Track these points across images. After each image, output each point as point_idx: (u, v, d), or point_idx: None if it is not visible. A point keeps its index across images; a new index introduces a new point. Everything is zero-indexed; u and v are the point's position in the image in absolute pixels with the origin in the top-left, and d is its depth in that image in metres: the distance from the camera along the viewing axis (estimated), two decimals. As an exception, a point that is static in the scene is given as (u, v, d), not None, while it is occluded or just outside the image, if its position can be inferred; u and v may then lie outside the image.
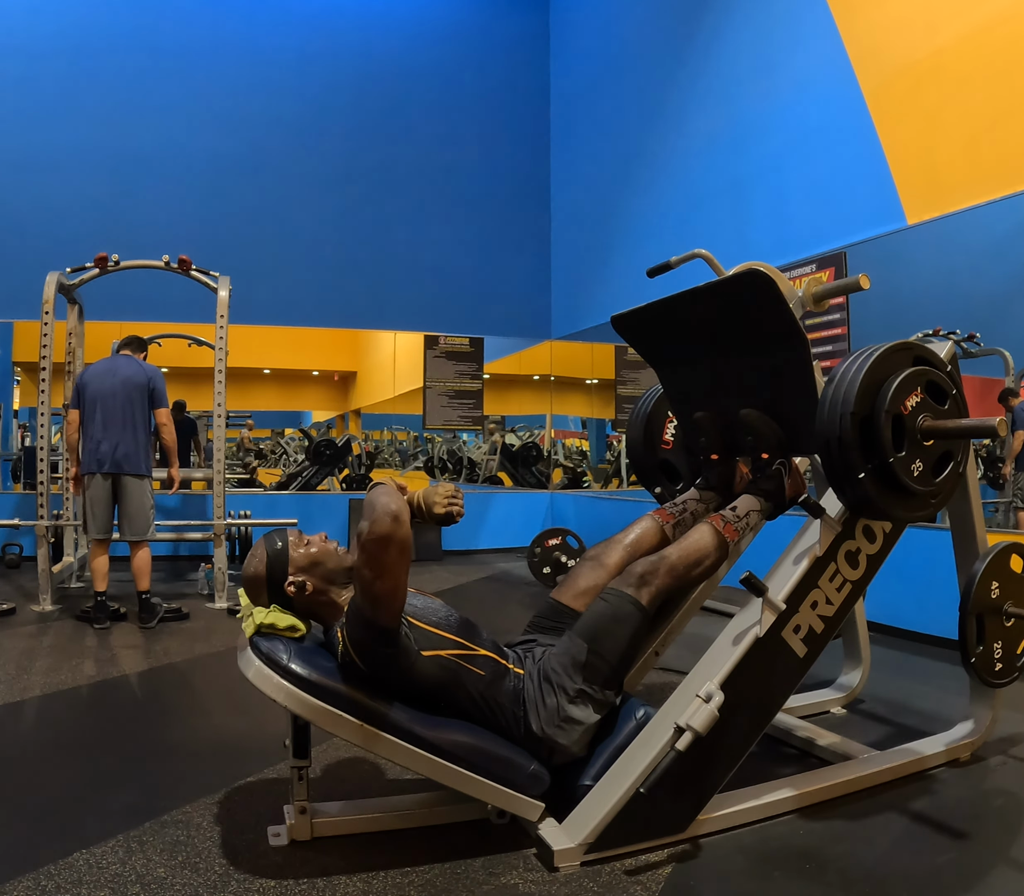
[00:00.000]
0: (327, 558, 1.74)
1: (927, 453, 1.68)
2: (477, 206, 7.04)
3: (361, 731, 1.53)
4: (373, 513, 1.46)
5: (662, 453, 2.37)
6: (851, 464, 1.62)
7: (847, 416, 1.60)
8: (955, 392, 1.73)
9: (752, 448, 1.99)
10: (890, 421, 1.61)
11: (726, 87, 5.00)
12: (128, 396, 3.89)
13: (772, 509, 1.98)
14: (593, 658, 1.69)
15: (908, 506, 1.70)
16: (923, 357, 1.73)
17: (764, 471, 1.98)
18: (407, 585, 1.57)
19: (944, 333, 3.69)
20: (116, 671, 3.00)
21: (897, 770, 1.98)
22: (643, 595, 1.77)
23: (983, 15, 3.39)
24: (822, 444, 1.66)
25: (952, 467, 1.73)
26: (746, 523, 1.93)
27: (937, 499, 1.74)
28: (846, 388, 1.62)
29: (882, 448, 1.61)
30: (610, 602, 1.77)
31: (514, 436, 8.40)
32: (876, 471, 1.63)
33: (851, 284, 1.85)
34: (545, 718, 1.67)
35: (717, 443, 2.08)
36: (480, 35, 7.13)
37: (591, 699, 1.68)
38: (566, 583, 2.00)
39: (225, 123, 6.40)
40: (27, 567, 5.04)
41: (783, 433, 1.94)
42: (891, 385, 1.62)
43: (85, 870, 1.54)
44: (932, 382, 1.69)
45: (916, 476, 1.65)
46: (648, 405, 2.38)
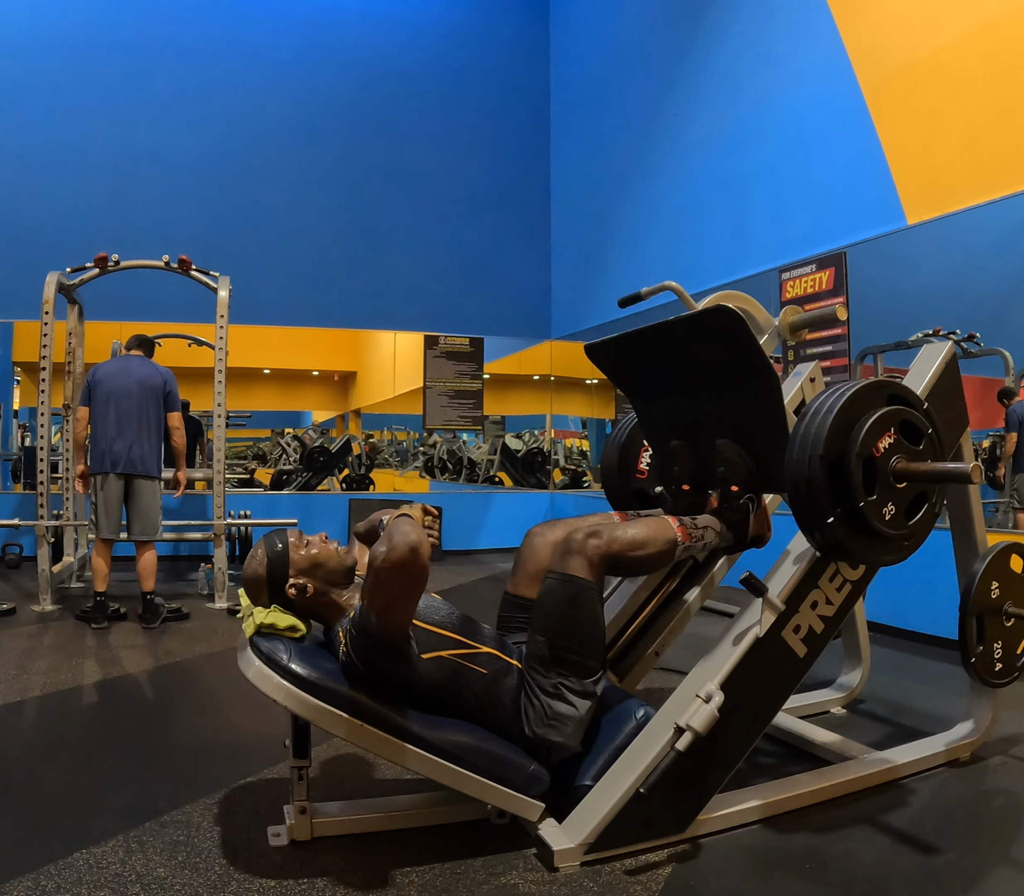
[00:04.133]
0: (328, 559, 1.74)
1: (900, 496, 1.61)
2: (477, 206, 7.04)
3: (361, 731, 1.53)
4: (391, 540, 1.45)
5: (636, 482, 2.31)
6: (820, 507, 1.56)
7: (816, 458, 1.54)
8: (931, 431, 1.67)
9: (722, 480, 1.92)
10: (860, 464, 1.55)
11: (726, 87, 5.00)
12: (143, 397, 3.90)
13: (732, 541, 1.92)
14: (557, 652, 1.65)
15: (880, 550, 1.64)
16: (898, 395, 1.67)
17: (731, 503, 1.92)
18: (416, 609, 1.57)
19: (944, 333, 3.69)
20: (116, 671, 3.00)
21: (897, 770, 1.98)
22: (585, 569, 1.68)
23: (983, 15, 3.39)
24: (790, 485, 1.60)
25: (927, 509, 1.66)
26: (702, 534, 1.85)
27: (911, 541, 1.68)
28: (816, 428, 1.56)
29: (852, 492, 1.55)
30: (555, 588, 1.69)
31: (519, 441, 8.35)
32: (846, 515, 1.57)
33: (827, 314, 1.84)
34: (535, 719, 1.66)
35: (689, 473, 2.02)
36: (480, 35, 7.12)
37: (572, 691, 1.65)
38: (515, 572, 1.95)
39: (225, 123, 6.40)
40: (27, 567, 5.04)
41: (755, 467, 1.88)
42: (863, 426, 1.55)
43: (85, 870, 1.53)
44: (906, 422, 1.63)
45: (888, 520, 1.59)
46: (624, 434, 2.33)
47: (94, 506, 3.91)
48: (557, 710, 1.65)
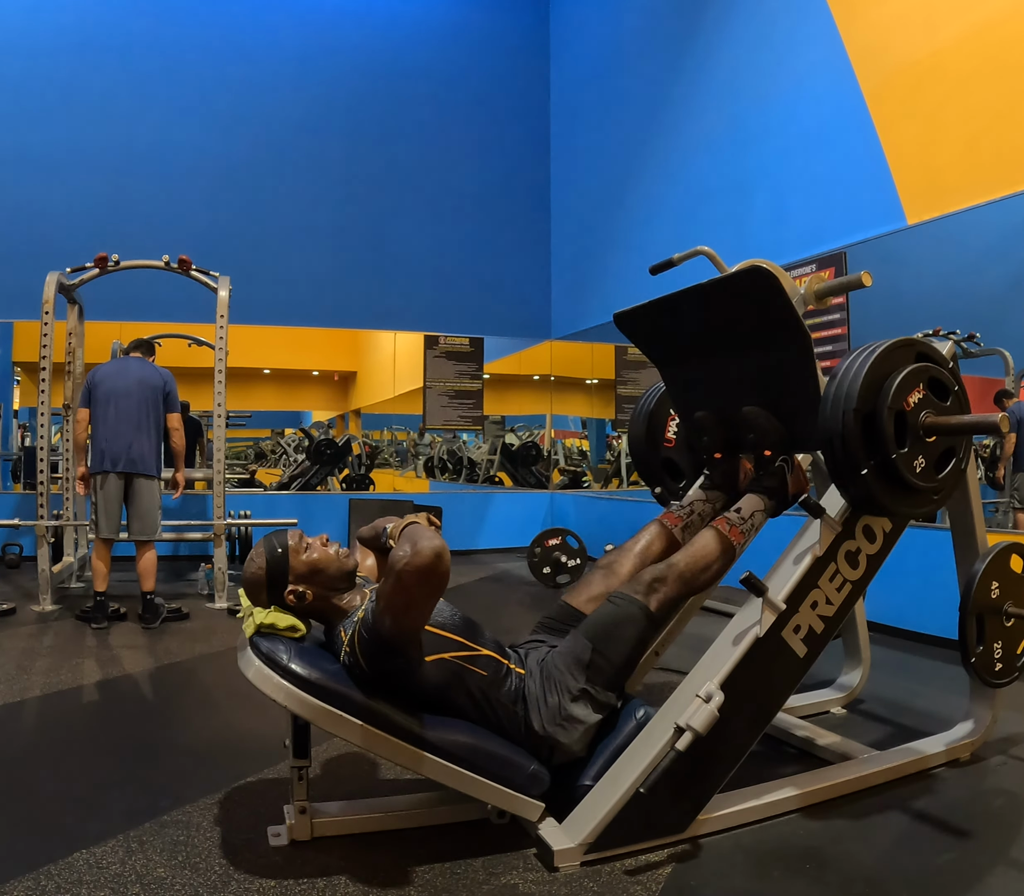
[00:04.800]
0: (328, 565, 1.72)
1: (929, 450, 1.68)
2: (477, 206, 7.04)
3: (361, 731, 1.53)
4: (416, 545, 1.44)
5: (665, 451, 2.36)
6: (854, 460, 1.62)
7: (850, 412, 1.60)
8: (957, 389, 1.73)
9: (754, 445, 1.99)
10: (892, 417, 1.61)
11: (726, 87, 5.00)
12: (143, 397, 3.90)
13: (775, 507, 1.98)
14: (597, 658, 1.70)
15: (911, 502, 1.71)
16: (925, 354, 1.73)
17: (767, 468, 1.98)
18: (431, 614, 1.58)
19: (944, 333, 3.69)
20: (116, 671, 3.00)
21: (897, 770, 1.98)
22: (651, 601, 1.77)
23: (983, 15, 3.39)
24: (825, 441, 1.66)
25: (954, 464, 1.73)
26: (751, 524, 1.93)
27: (939, 495, 1.74)
28: (848, 385, 1.62)
29: (885, 444, 1.61)
30: (617, 605, 1.78)
31: (514, 436, 8.40)
32: (879, 467, 1.63)
33: (853, 281, 1.85)
34: (547, 716, 1.67)
35: (719, 441, 2.08)
36: (480, 34, 7.12)
37: (592, 699, 1.68)
38: (578, 588, 2.01)
39: (225, 123, 6.40)
40: (27, 567, 5.04)
41: (785, 430, 1.94)
42: (893, 381, 1.62)
43: (85, 870, 1.53)
44: (934, 379, 1.70)
45: (919, 472, 1.66)
46: (650, 403, 2.37)
47: (94, 506, 3.91)
48: (572, 712, 1.66)
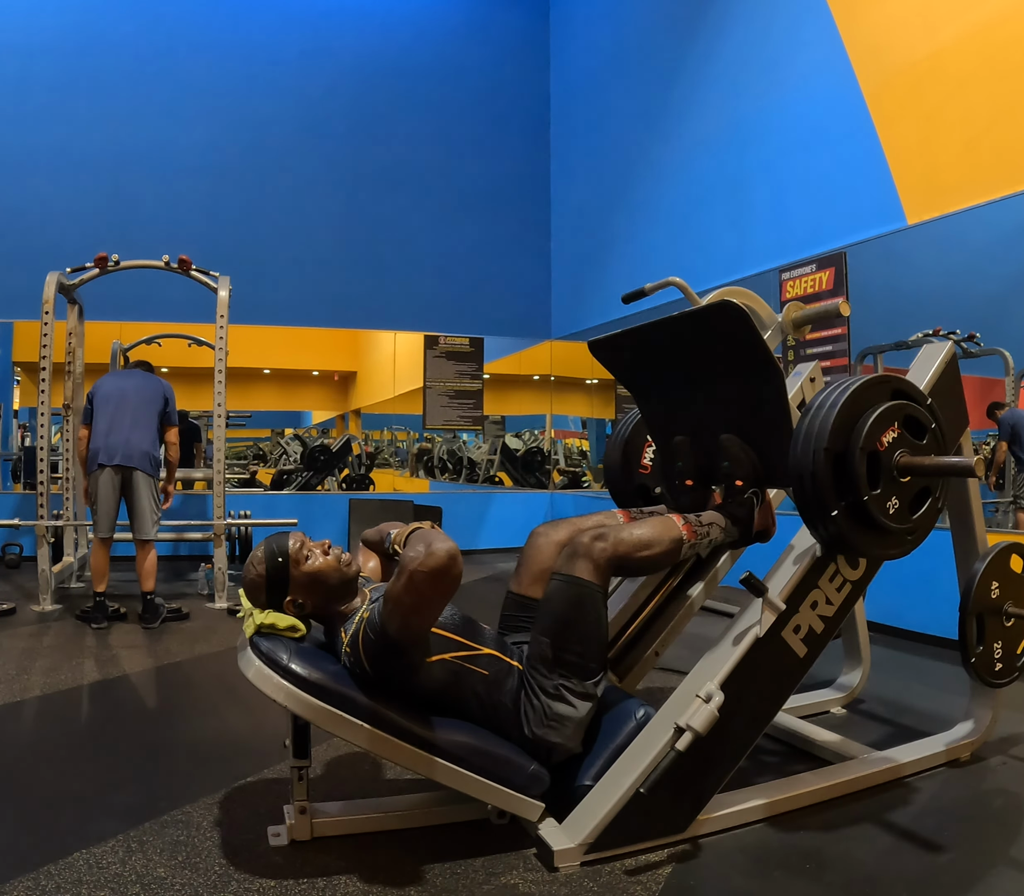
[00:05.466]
0: (329, 575, 1.70)
1: (904, 490, 1.62)
2: (477, 206, 7.04)
3: (361, 731, 1.53)
4: (430, 546, 1.44)
5: (640, 478, 2.32)
6: (824, 501, 1.58)
7: (820, 452, 1.56)
8: (934, 426, 1.68)
9: (727, 475, 1.92)
10: (864, 458, 1.56)
11: (726, 87, 5.00)
12: (141, 398, 3.92)
13: (737, 535, 1.92)
14: (560, 653, 1.66)
15: (883, 544, 1.65)
16: (901, 391, 1.68)
17: (736, 497, 1.92)
18: (439, 616, 1.58)
19: (944, 333, 3.69)
20: (116, 671, 3.00)
21: (897, 770, 1.98)
22: (590, 571, 1.68)
23: (983, 15, 3.39)
24: (795, 478, 1.61)
25: (930, 504, 1.67)
26: (707, 531, 1.85)
27: (914, 536, 1.68)
28: (820, 423, 1.58)
29: (856, 486, 1.56)
30: (560, 589, 1.70)
31: (519, 441, 8.35)
32: (850, 508, 1.58)
33: (831, 310, 1.84)
34: (534, 720, 1.66)
35: (692, 469, 2.02)
36: (480, 34, 7.12)
37: (573, 692, 1.66)
38: (518, 571, 1.95)
39: (225, 123, 6.41)
40: (27, 567, 5.04)
41: (759, 462, 1.89)
42: (867, 421, 1.57)
43: (85, 870, 1.53)
44: (910, 417, 1.64)
45: (892, 514, 1.61)
46: (627, 429, 2.34)
47: (93, 505, 3.91)
48: (557, 711, 1.65)
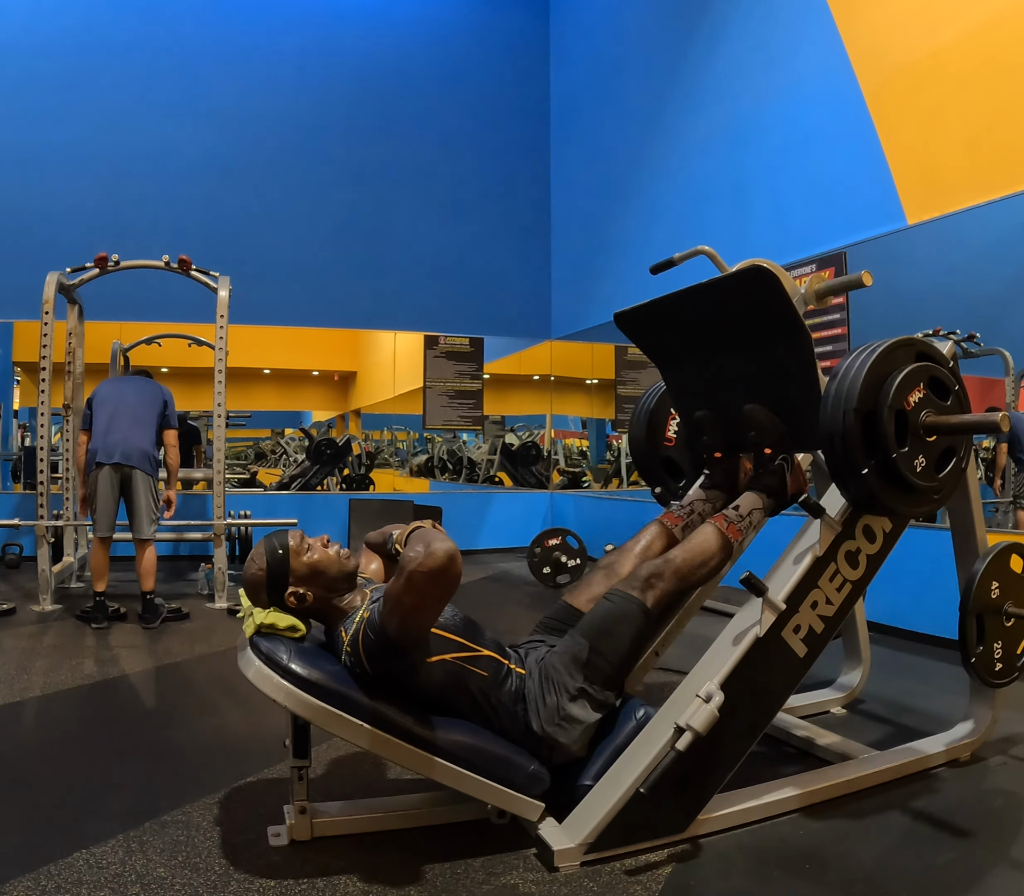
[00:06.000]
0: (329, 566, 1.72)
1: (930, 449, 1.68)
2: (477, 206, 7.04)
3: (361, 731, 1.53)
4: (429, 546, 1.45)
5: (665, 450, 2.37)
6: (854, 460, 1.62)
7: (850, 412, 1.60)
8: (957, 388, 1.73)
9: (755, 444, 1.99)
10: (893, 417, 1.61)
11: (726, 87, 4.99)
12: (140, 400, 3.95)
13: (774, 505, 1.98)
14: (594, 657, 1.70)
15: (911, 502, 1.71)
16: (926, 353, 1.73)
17: (767, 466, 1.98)
18: (439, 616, 1.59)
19: (944, 333, 3.69)
20: (116, 671, 3.00)
21: (897, 770, 1.98)
22: (647, 597, 1.77)
23: (983, 15, 3.39)
24: (825, 440, 1.66)
25: (955, 463, 1.73)
26: (749, 522, 1.93)
27: (940, 495, 1.74)
28: (849, 384, 1.62)
29: (885, 444, 1.61)
30: (614, 603, 1.78)
31: (514, 436, 8.40)
32: (879, 467, 1.63)
33: (854, 280, 1.85)
34: (545, 716, 1.67)
35: (719, 441, 2.09)
36: (480, 35, 7.12)
37: (591, 698, 1.68)
38: (578, 587, 2.02)
39: (225, 123, 6.40)
40: (27, 567, 5.04)
41: (786, 428, 1.94)
42: (894, 381, 1.62)
43: (85, 870, 1.53)
44: (935, 378, 1.70)
45: (919, 472, 1.66)
46: (651, 402, 2.37)
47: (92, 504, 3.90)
48: (571, 712, 1.66)
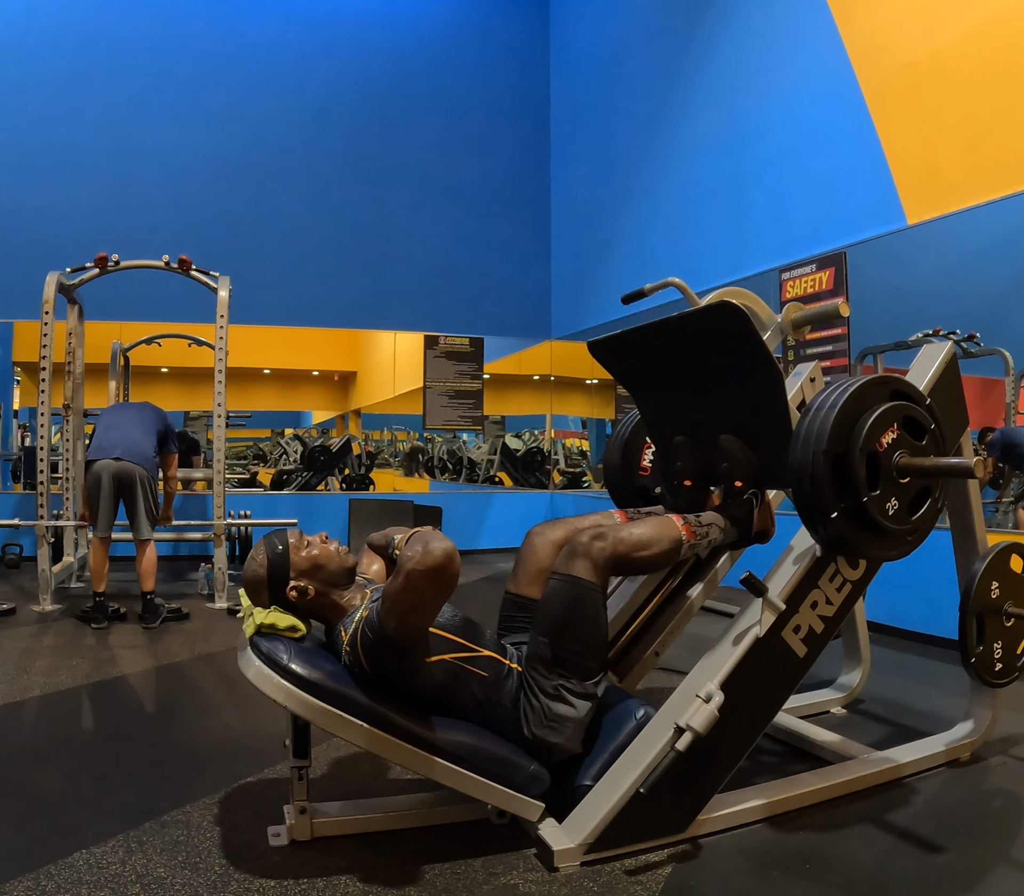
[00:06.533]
0: (329, 561, 1.73)
1: (903, 491, 1.62)
2: (477, 206, 7.04)
3: (361, 731, 1.53)
4: (427, 545, 1.45)
5: (639, 479, 2.32)
6: (823, 503, 1.57)
7: (819, 454, 1.55)
8: (934, 427, 1.68)
9: (726, 475, 1.92)
10: (864, 460, 1.56)
11: (726, 87, 5.00)
12: (141, 414, 4.06)
13: (736, 536, 1.92)
14: (559, 652, 1.65)
15: (883, 545, 1.65)
16: (901, 391, 1.68)
17: (736, 498, 1.92)
18: (437, 615, 1.58)
19: (944, 333, 3.69)
20: (116, 671, 3.00)
21: (897, 770, 1.98)
22: (589, 571, 1.67)
23: (983, 15, 3.39)
24: (795, 480, 1.61)
25: (929, 504, 1.67)
26: (706, 531, 1.85)
27: (914, 536, 1.68)
28: (819, 424, 1.57)
29: (856, 487, 1.56)
30: (559, 589, 1.69)
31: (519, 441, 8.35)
32: (849, 510, 1.58)
33: (831, 311, 1.83)
34: (534, 721, 1.66)
35: (691, 469, 2.01)
36: (480, 34, 7.12)
37: (572, 692, 1.65)
38: (516, 571, 1.95)
39: (225, 123, 6.40)
40: (27, 567, 5.04)
41: (759, 463, 1.88)
42: (866, 422, 1.57)
43: (85, 870, 1.53)
44: (909, 417, 1.64)
45: (891, 515, 1.60)
46: (626, 431, 2.33)
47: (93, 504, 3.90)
48: (556, 711, 1.65)
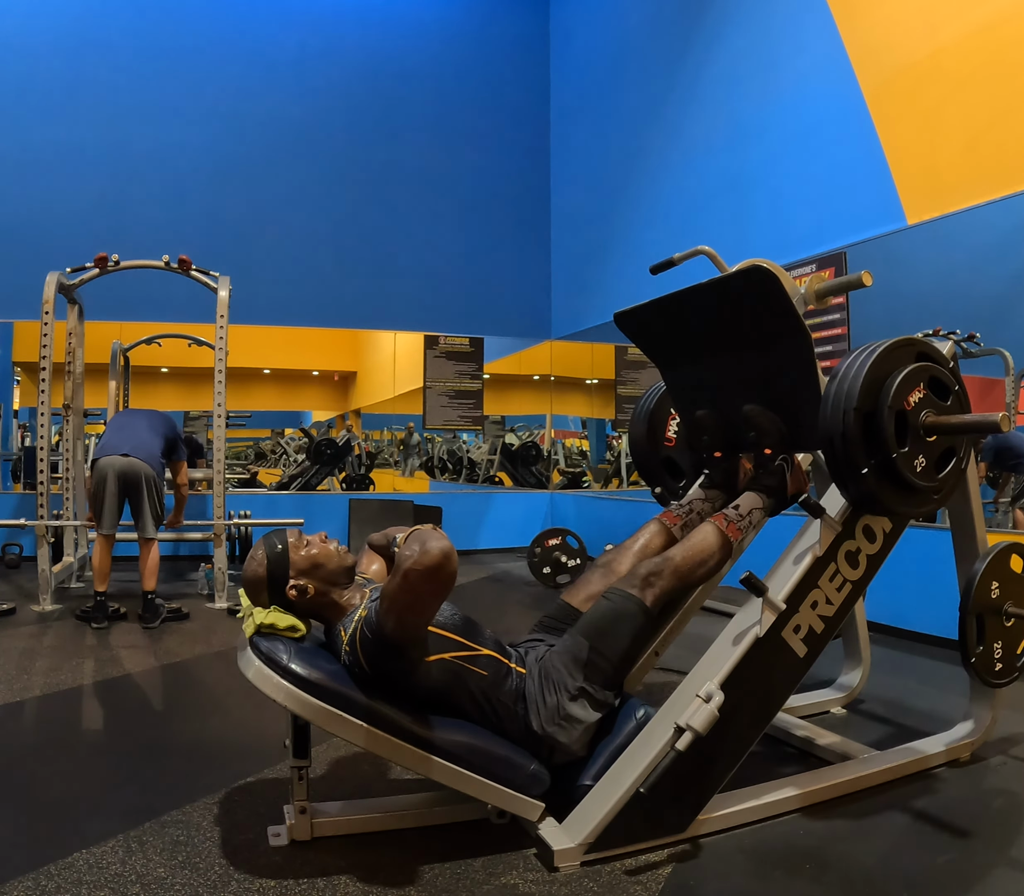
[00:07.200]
0: (328, 560, 1.74)
1: (930, 449, 1.68)
2: (477, 206, 7.04)
3: (361, 731, 1.53)
4: (424, 544, 1.46)
5: (665, 450, 2.37)
6: (854, 460, 1.62)
7: (850, 412, 1.60)
8: (957, 388, 1.73)
9: (755, 444, 1.99)
10: (893, 417, 1.61)
11: (726, 87, 4.99)
12: (151, 419, 4.10)
13: (774, 505, 1.99)
14: (594, 656, 1.70)
15: (911, 502, 1.71)
16: (926, 353, 1.73)
17: (767, 467, 1.98)
18: (435, 614, 1.59)
19: (944, 333, 3.69)
20: (116, 671, 3.00)
21: (897, 770, 1.98)
22: (647, 596, 1.77)
23: (983, 15, 3.39)
24: (825, 440, 1.66)
25: (955, 463, 1.74)
26: (749, 521, 1.93)
27: (940, 495, 1.74)
28: (849, 384, 1.62)
29: (885, 444, 1.61)
30: (613, 601, 1.77)
31: (514, 436, 8.40)
32: (879, 467, 1.64)
33: (853, 280, 1.85)
34: (545, 716, 1.67)
35: (719, 440, 2.09)
36: (480, 35, 7.12)
37: (591, 698, 1.68)
38: (576, 586, 2.01)
39: (225, 123, 6.40)
40: (27, 567, 5.04)
41: (786, 429, 1.94)
42: (894, 381, 1.62)
43: (85, 870, 1.53)
44: (935, 378, 1.70)
45: (919, 472, 1.66)
46: (651, 402, 2.37)
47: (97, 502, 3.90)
48: (571, 712, 1.66)
